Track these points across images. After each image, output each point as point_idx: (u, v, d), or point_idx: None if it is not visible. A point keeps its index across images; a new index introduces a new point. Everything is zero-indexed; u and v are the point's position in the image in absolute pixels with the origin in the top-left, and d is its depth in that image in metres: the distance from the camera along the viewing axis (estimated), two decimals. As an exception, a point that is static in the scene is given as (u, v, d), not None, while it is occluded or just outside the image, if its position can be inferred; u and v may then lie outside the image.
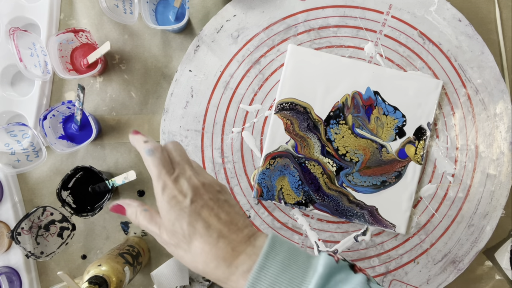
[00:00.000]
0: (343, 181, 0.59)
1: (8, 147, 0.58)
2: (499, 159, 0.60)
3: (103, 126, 0.63)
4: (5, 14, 0.60)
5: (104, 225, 0.63)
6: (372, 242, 0.60)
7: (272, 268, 0.34)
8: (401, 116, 0.59)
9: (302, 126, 0.59)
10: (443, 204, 0.60)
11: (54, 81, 0.63)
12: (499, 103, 0.60)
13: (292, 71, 0.59)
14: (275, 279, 0.34)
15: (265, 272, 0.34)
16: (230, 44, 0.61)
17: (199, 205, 0.37)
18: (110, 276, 0.49)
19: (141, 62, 0.63)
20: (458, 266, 0.60)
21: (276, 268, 0.34)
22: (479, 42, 0.60)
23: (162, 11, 0.62)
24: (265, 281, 0.34)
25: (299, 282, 0.34)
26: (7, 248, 0.61)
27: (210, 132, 0.61)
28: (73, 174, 0.58)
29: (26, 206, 0.63)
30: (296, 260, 0.35)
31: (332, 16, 0.60)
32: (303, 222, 0.61)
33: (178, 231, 0.36)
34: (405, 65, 0.60)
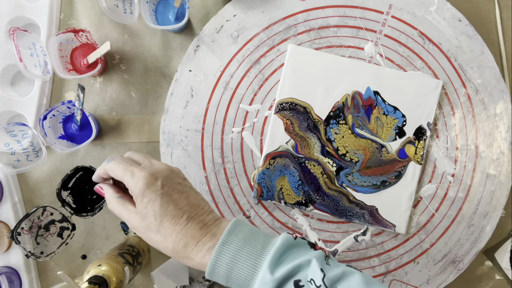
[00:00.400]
0: (343, 181, 0.59)
1: (8, 147, 0.58)
2: (499, 159, 0.60)
3: (103, 126, 0.63)
4: (5, 14, 0.60)
5: (104, 225, 0.63)
6: (372, 242, 0.60)
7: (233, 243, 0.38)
8: (401, 116, 0.59)
9: (302, 126, 0.59)
10: (443, 204, 0.60)
11: (54, 81, 0.63)
12: (499, 103, 0.60)
13: (292, 71, 0.59)
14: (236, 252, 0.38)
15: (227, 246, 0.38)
16: (230, 44, 0.61)
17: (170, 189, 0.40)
18: (110, 276, 0.49)
19: (141, 62, 0.63)
20: (458, 266, 0.60)
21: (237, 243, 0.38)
22: (479, 42, 0.60)
23: (162, 11, 0.62)
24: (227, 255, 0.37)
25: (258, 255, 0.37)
26: (7, 248, 0.61)
27: (210, 132, 0.61)
28: (73, 174, 0.58)
29: (26, 206, 0.63)
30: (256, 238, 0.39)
31: (332, 16, 0.60)
32: (303, 222, 0.61)
33: (150, 213, 0.39)
34: (405, 65, 0.60)
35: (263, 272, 0.36)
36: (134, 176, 0.40)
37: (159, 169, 0.41)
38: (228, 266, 0.37)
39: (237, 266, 0.37)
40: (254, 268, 0.37)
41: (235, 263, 0.37)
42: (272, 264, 0.37)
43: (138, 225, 0.40)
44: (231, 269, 0.37)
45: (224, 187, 0.61)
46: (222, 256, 0.38)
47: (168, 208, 0.39)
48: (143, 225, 0.40)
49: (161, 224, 0.39)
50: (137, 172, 0.40)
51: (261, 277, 0.36)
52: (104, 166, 0.43)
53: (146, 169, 0.41)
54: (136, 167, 0.41)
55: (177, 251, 0.39)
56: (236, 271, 0.37)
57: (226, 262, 0.37)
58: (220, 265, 0.38)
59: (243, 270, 0.37)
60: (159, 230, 0.39)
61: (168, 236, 0.39)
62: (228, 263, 0.37)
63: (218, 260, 0.38)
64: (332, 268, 0.37)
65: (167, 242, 0.39)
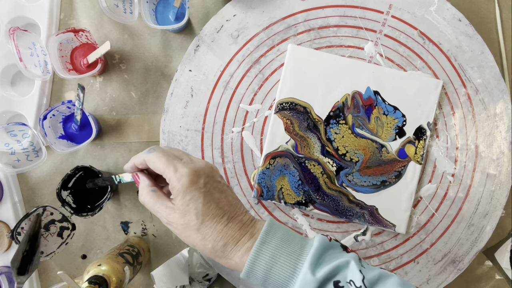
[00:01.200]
0: (343, 181, 0.59)
1: (8, 147, 0.58)
2: (499, 159, 0.60)
3: (103, 126, 0.63)
4: (5, 14, 0.60)
5: (104, 225, 0.63)
6: (372, 242, 0.60)
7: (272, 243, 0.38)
8: (401, 116, 0.59)
9: (302, 126, 0.59)
10: (443, 204, 0.60)
11: (54, 81, 0.63)
12: (499, 103, 0.60)
13: (292, 71, 0.59)
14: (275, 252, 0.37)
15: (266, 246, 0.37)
16: (230, 44, 0.61)
17: (211, 187, 0.39)
18: (110, 276, 0.49)
19: (141, 62, 0.63)
20: (458, 266, 0.60)
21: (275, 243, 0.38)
22: (479, 42, 0.60)
23: (162, 11, 0.62)
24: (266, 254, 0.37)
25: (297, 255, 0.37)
26: (7, 248, 0.61)
27: (210, 132, 0.61)
28: (73, 174, 0.58)
29: (26, 206, 0.63)
30: (293, 238, 0.38)
31: (332, 16, 0.60)
32: (303, 222, 0.61)
33: (191, 211, 0.38)
34: (405, 65, 0.60)
35: (304, 273, 0.36)
36: (177, 171, 0.38)
37: (201, 166, 0.39)
38: (267, 266, 0.37)
39: (276, 266, 0.37)
40: (294, 268, 0.37)
41: (274, 263, 0.37)
42: (313, 264, 0.36)
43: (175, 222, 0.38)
44: (269, 269, 0.37)
45: (224, 187, 0.61)
46: (261, 255, 0.37)
47: (210, 207, 0.38)
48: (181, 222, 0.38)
49: (202, 223, 0.38)
50: (180, 167, 0.38)
51: (302, 277, 0.36)
52: (143, 156, 0.40)
53: (189, 165, 0.39)
54: (179, 162, 0.39)
55: (216, 250, 0.38)
56: (275, 271, 0.37)
57: (265, 261, 0.37)
58: (258, 265, 0.37)
59: (282, 270, 0.37)
60: (199, 228, 0.38)
61: (208, 235, 0.38)
62: (267, 262, 0.37)
63: (257, 259, 0.37)
64: (368, 270, 0.37)
65: (206, 241, 0.38)
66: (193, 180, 0.38)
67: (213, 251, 0.38)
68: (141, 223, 0.63)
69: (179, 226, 0.39)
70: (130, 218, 0.63)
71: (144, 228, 0.63)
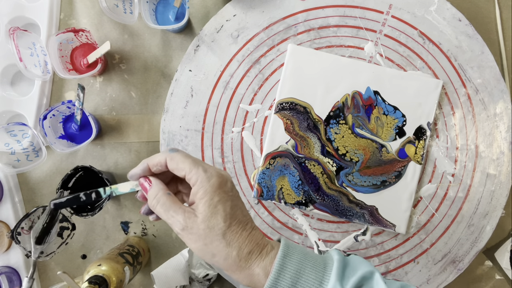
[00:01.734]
0: (343, 181, 0.59)
1: (8, 147, 0.58)
2: (499, 159, 0.60)
3: (103, 126, 0.63)
4: (5, 14, 0.60)
5: (104, 225, 0.63)
6: (372, 242, 0.60)
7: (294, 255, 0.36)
8: (401, 116, 0.59)
9: (302, 126, 0.59)
10: (443, 204, 0.60)
11: (54, 81, 0.63)
12: (499, 103, 0.60)
13: (292, 71, 0.59)
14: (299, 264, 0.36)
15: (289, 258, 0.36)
16: (230, 44, 0.61)
17: (236, 193, 0.38)
18: (110, 276, 0.49)
19: (141, 62, 0.63)
20: (458, 266, 0.60)
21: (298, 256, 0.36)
22: (479, 42, 0.60)
23: (162, 11, 0.62)
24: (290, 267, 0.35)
25: (322, 267, 0.36)
26: (7, 248, 0.61)
27: (210, 132, 0.61)
28: (73, 174, 0.58)
29: (26, 206, 0.63)
30: (312, 253, 0.37)
31: (332, 16, 0.60)
32: (303, 222, 0.60)
33: (219, 214, 0.36)
34: (405, 65, 0.60)
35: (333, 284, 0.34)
36: (207, 171, 0.36)
37: (225, 172, 0.38)
38: (292, 280, 0.35)
39: (302, 279, 0.35)
40: (321, 281, 0.35)
41: (299, 276, 0.35)
42: (340, 276, 0.35)
43: (196, 227, 0.35)
44: (295, 283, 0.35)
45: (224, 187, 0.60)
46: (285, 267, 0.35)
47: (237, 212, 0.37)
48: (203, 227, 0.35)
49: (229, 227, 0.36)
50: (209, 168, 0.37)
51: None
52: (163, 156, 0.38)
53: (214, 168, 0.37)
54: (205, 164, 0.37)
55: (240, 258, 0.36)
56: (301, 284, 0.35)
57: (290, 274, 0.35)
58: (283, 278, 0.35)
59: (308, 282, 0.35)
60: (225, 233, 0.35)
61: (233, 241, 0.36)
62: (291, 276, 0.35)
63: (282, 271, 0.35)
64: (390, 282, 0.37)
65: (231, 247, 0.36)
66: (222, 182, 0.36)
67: (237, 260, 0.36)
68: (141, 223, 0.63)
69: (200, 232, 0.35)
70: (130, 218, 0.63)
71: (144, 228, 0.63)
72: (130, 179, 0.39)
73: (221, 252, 0.36)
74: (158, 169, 0.38)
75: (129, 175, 0.39)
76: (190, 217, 0.36)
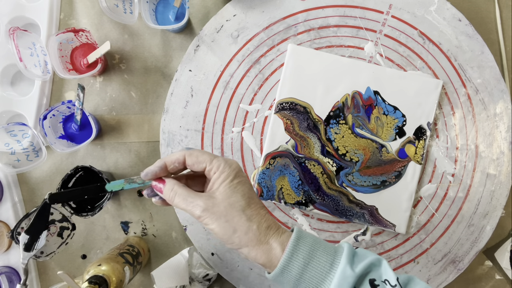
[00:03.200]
0: (343, 180, 0.59)
1: (8, 147, 0.58)
2: (499, 159, 0.60)
3: (103, 126, 0.63)
4: (5, 14, 0.60)
5: (104, 225, 0.63)
6: (372, 242, 0.60)
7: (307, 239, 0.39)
8: (401, 116, 0.59)
9: (302, 126, 0.59)
10: (443, 204, 0.60)
11: (54, 81, 0.63)
12: (499, 103, 0.60)
13: (292, 71, 0.59)
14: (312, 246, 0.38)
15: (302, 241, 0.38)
16: (230, 44, 0.61)
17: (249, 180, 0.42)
18: (110, 276, 0.49)
19: (141, 62, 0.63)
20: (458, 265, 0.60)
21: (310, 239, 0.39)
22: (479, 41, 0.60)
23: (162, 11, 0.62)
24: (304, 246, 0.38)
25: (334, 251, 0.38)
26: (7, 248, 0.61)
27: (210, 132, 0.61)
28: (73, 174, 0.58)
29: (26, 206, 0.63)
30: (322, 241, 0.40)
31: (332, 16, 0.60)
32: (303, 222, 0.61)
33: (238, 192, 0.39)
34: (405, 64, 0.60)
35: (343, 266, 0.36)
36: (227, 160, 0.40)
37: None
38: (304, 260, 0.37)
39: (315, 259, 0.37)
40: (332, 263, 0.37)
41: (312, 256, 0.37)
42: (350, 260, 0.37)
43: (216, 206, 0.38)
44: (308, 262, 0.37)
45: (224, 187, 0.61)
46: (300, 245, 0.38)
47: (253, 195, 0.40)
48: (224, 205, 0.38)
49: (248, 204, 0.39)
50: (227, 158, 0.41)
51: (341, 271, 0.36)
52: (182, 152, 0.41)
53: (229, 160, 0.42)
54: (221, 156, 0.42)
55: (260, 232, 0.39)
56: (314, 264, 0.37)
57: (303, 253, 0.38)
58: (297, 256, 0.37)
59: (320, 263, 0.37)
60: (245, 210, 0.39)
61: (253, 216, 0.39)
62: (305, 256, 0.37)
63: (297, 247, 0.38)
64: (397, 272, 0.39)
65: (252, 222, 0.39)
66: (241, 169, 0.41)
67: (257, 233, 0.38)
68: (141, 223, 0.63)
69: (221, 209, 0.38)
70: (130, 218, 0.63)
71: (144, 228, 0.63)
72: (144, 177, 0.41)
73: (242, 226, 0.38)
74: (175, 166, 0.41)
75: (143, 173, 0.41)
76: (209, 199, 0.39)
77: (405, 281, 0.38)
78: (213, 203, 0.39)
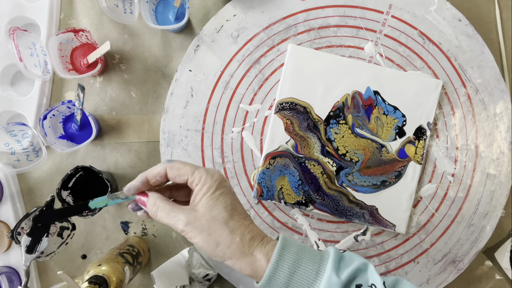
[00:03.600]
0: (343, 180, 0.59)
1: (8, 147, 0.58)
2: (499, 159, 0.60)
3: (103, 126, 0.63)
4: (5, 14, 0.60)
5: (104, 225, 0.63)
6: (372, 242, 0.60)
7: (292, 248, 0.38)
8: (401, 115, 0.59)
9: (302, 126, 0.59)
10: (443, 204, 0.60)
11: (54, 81, 0.63)
12: (499, 103, 0.60)
13: (292, 71, 0.59)
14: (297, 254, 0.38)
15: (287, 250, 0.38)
16: (230, 44, 0.61)
17: (232, 190, 0.41)
18: (110, 276, 0.49)
19: (141, 62, 0.63)
20: (458, 266, 0.60)
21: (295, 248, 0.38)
22: (479, 41, 0.60)
23: (162, 11, 0.62)
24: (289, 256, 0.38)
25: (319, 258, 0.38)
26: (7, 248, 0.61)
27: (210, 132, 0.61)
28: (73, 174, 0.58)
29: (26, 206, 0.63)
30: (308, 248, 0.40)
31: (332, 16, 0.60)
32: (303, 222, 0.60)
33: (221, 204, 0.39)
34: (405, 64, 0.60)
35: (329, 274, 0.36)
36: (208, 171, 0.40)
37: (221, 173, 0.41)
38: (290, 269, 0.37)
39: (300, 268, 0.37)
40: (317, 271, 0.37)
41: (298, 265, 0.37)
42: (336, 266, 0.37)
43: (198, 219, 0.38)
44: (293, 272, 0.37)
45: (224, 187, 0.61)
46: (284, 256, 0.37)
47: (237, 205, 0.40)
48: (206, 218, 0.38)
49: (231, 216, 0.39)
50: (209, 168, 0.40)
51: (327, 279, 0.36)
52: (163, 166, 0.40)
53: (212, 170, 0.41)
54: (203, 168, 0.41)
55: (243, 244, 0.38)
56: (299, 273, 0.37)
57: (288, 263, 0.37)
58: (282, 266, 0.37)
59: (306, 272, 0.37)
60: (227, 222, 0.38)
61: (236, 228, 0.38)
62: (290, 265, 0.37)
63: (281, 259, 0.37)
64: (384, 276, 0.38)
65: (234, 234, 0.38)
66: (223, 179, 0.40)
67: (240, 245, 0.38)
68: (141, 223, 0.63)
69: (203, 223, 0.38)
70: (130, 218, 0.63)
71: (144, 228, 0.63)
72: (127, 192, 0.41)
73: (225, 239, 0.38)
74: (157, 180, 0.40)
75: (126, 188, 0.41)
76: (191, 212, 0.38)
77: (391, 284, 0.38)
78: (195, 216, 0.38)
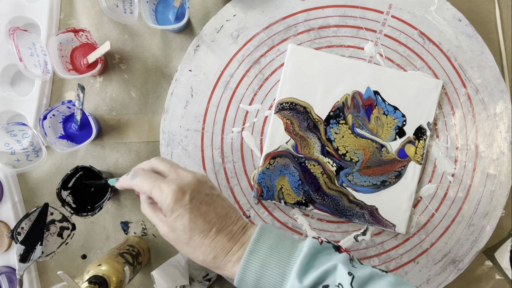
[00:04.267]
0: (343, 180, 0.59)
1: (8, 147, 0.58)
2: (499, 159, 0.60)
3: (103, 126, 0.63)
4: (5, 14, 0.60)
5: (104, 225, 0.63)
6: (372, 242, 0.60)
7: (261, 251, 0.38)
8: (401, 115, 0.59)
9: (302, 126, 0.59)
10: (443, 204, 0.60)
11: (54, 81, 0.63)
12: (499, 103, 0.60)
13: (292, 71, 0.59)
14: (264, 260, 0.38)
15: (255, 255, 0.38)
16: (230, 44, 0.61)
17: (198, 202, 0.40)
18: (110, 276, 0.49)
19: (141, 62, 0.63)
20: (458, 266, 0.60)
21: (264, 251, 0.38)
22: (479, 41, 0.60)
23: (162, 11, 0.62)
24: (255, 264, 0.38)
25: (286, 261, 0.38)
26: (7, 248, 0.61)
27: (210, 132, 0.61)
28: (73, 174, 0.58)
29: (26, 206, 0.63)
30: (283, 244, 0.39)
31: (332, 16, 0.60)
32: (303, 222, 0.61)
33: (179, 227, 0.39)
34: (405, 64, 0.60)
35: (292, 281, 0.36)
36: (162, 192, 0.39)
37: (187, 182, 0.40)
38: (256, 275, 0.38)
39: (266, 275, 0.37)
40: (283, 277, 0.37)
41: (263, 272, 0.37)
42: (300, 272, 0.37)
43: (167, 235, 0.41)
44: (259, 278, 0.38)
45: (224, 187, 0.61)
46: (250, 265, 0.38)
47: (197, 222, 0.39)
48: (173, 237, 0.40)
49: (190, 238, 0.39)
50: (165, 187, 0.39)
51: (290, 286, 0.36)
52: (128, 183, 0.43)
53: (174, 182, 0.40)
54: (163, 181, 0.40)
55: (207, 262, 0.40)
56: (265, 280, 0.37)
57: (254, 271, 0.38)
58: (248, 275, 0.38)
59: (271, 279, 0.37)
60: (188, 243, 0.40)
61: (197, 248, 0.40)
62: (256, 271, 0.38)
63: (246, 269, 0.38)
64: (359, 269, 0.38)
65: (197, 253, 0.40)
66: (178, 198, 0.39)
67: (204, 263, 0.40)
68: (141, 223, 0.63)
69: (171, 239, 0.41)
70: (130, 218, 0.63)
71: (144, 228, 0.63)
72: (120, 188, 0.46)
73: (191, 256, 0.40)
74: None
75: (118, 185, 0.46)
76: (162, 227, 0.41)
77: (364, 279, 0.37)
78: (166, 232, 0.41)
